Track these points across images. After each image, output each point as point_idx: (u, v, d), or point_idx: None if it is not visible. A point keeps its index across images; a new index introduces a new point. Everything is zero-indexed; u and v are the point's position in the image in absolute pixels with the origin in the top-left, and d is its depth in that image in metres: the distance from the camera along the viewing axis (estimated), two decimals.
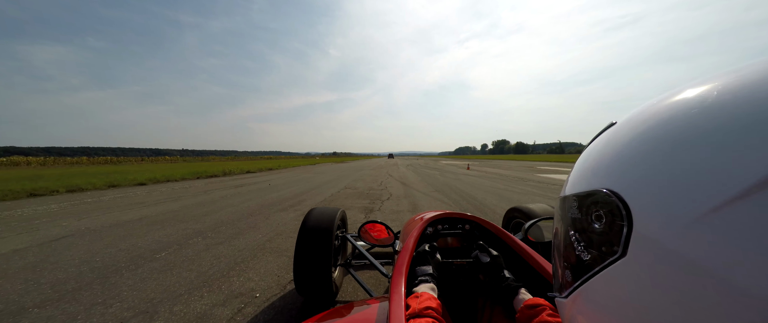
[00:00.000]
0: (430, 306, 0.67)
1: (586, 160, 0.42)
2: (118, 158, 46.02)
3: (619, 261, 0.31)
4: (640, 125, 0.35)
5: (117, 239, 3.45)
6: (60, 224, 4.24)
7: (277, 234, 3.67)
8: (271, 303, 2.00)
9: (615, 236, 0.31)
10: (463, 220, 1.36)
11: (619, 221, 0.31)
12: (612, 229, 0.32)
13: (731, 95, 0.27)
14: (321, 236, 1.78)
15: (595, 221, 0.35)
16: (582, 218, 0.37)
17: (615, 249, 0.31)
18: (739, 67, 0.30)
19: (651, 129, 0.33)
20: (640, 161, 0.32)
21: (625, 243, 0.30)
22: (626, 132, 0.36)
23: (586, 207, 0.37)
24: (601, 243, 0.34)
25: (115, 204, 5.90)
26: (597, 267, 0.33)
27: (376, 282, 2.34)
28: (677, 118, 0.31)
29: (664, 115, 0.32)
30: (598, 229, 0.34)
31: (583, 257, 0.36)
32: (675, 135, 0.29)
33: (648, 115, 0.35)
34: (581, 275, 0.36)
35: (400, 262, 0.93)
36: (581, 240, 0.37)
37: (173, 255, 2.92)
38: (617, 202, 0.32)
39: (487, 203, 5.79)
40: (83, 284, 2.28)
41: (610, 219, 0.32)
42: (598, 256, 0.34)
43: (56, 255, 2.94)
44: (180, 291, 2.17)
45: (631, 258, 0.29)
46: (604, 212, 0.33)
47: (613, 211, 0.32)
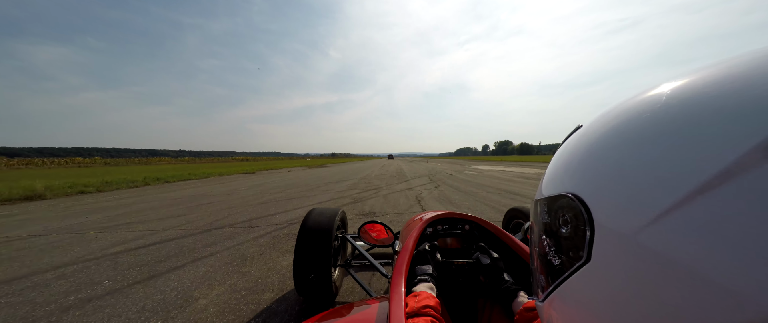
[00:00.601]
0: (428, 304, 0.67)
1: (555, 163, 0.42)
2: (98, 160, 45.22)
3: (584, 266, 0.30)
4: (601, 128, 0.35)
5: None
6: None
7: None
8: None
9: (579, 241, 0.31)
10: (463, 220, 1.36)
11: (582, 227, 0.31)
12: (576, 234, 0.32)
13: (682, 95, 0.27)
14: (320, 236, 1.78)
15: (562, 226, 0.35)
16: (551, 222, 0.37)
17: (580, 254, 0.31)
18: (696, 68, 0.30)
19: (611, 131, 0.33)
20: (598, 165, 0.32)
21: (588, 248, 0.30)
22: (589, 135, 0.36)
23: (554, 212, 0.36)
24: (568, 248, 0.34)
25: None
26: (566, 272, 0.33)
27: (376, 283, 2.33)
28: (636, 117, 0.30)
29: (623, 117, 0.32)
30: (565, 234, 0.34)
31: (554, 261, 0.36)
32: (630, 136, 0.29)
33: (609, 117, 0.35)
34: (554, 279, 0.36)
35: (400, 262, 0.93)
36: (551, 245, 0.37)
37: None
38: (580, 206, 0.31)
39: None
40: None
41: (575, 224, 0.32)
42: (567, 261, 0.34)
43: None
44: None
45: (595, 263, 0.29)
46: (569, 217, 0.33)
47: (577, 216, 0.32)
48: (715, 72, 0.27)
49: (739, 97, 0.23)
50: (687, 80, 0.29)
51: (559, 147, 0.44)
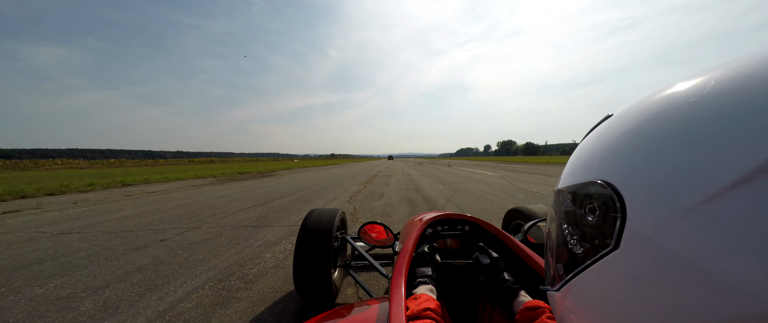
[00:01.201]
0: (428, 307, 0.67)
1: (581, 153, 0.41)
2: (85, 162, 43.54)
3: (611, 253, 0.30)
4: (634, 118, 0.34)
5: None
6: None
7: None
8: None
9: (608, 228, 0.31)
10: (463, 221, 1.36)
11: (613, 214, 0.30)
12: (605, 221, 0.31)
13: (724, 88, 0.27)
14: (320, 237, 1.78)
15: (588, 214, 0.34)
16: (575, 211, 0.37)
17: (608, 241, 0.31)
18: (734, 60, 0.30)
19: (645, 121, 0.32)
20: (633, 153, 0.31)
21: (618, 235, 0.30)
22: (621, 124, 0.36)
23: (580, 199, 0.36)
24: (594, 236, 0.33)
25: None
26: (589, 260, 0.33)
27: (376, 283, 2.33)
28: (671, 110, 0.30)
29: (658, 107, 0.32)
30: (591, 222, 0.34)
31: (575, 250, 0.36)
32: (668, 127, 0.29)
33: (643, 107, 0.34)
34: (573, 268, 0.36)
35: (400, 263, 0.93)
36: (574, 233, 0.36)
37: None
38: (612, 193, 0.31)
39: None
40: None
41: (604, 211, 0.32)
42: (591, 249, 0.33)
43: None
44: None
45: (624, 250, 0.29)
46: (598, 204, 0.33)
47: (607, 203, 0.31)
48: (755, 65, 0.27)
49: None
50: (729, 73, 0.28)
51: (584, 137, 0.44)
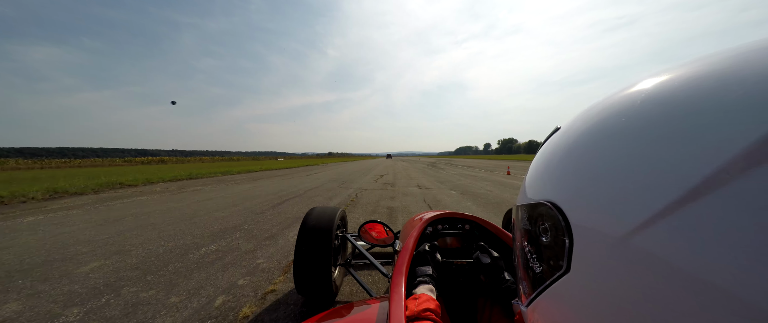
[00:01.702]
0: (428, 307, 0.67)
1: (534, 169, 0.40)
2: (69, 160, 41.38)
3: (564, 276, 0.30)
4: (578, 130, 0.33)
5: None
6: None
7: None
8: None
9: (559, 250, 0.30)
10: (463, 220, 1.36)
11: (561, 236, 0.30)
12: (556, 243, 0.31)
13: (670, 90, 0.26)
14: (321, 235, 1.78)
15: (542, 234, 0.34)
16: (531, 229, 0.36)
17: (560, 263, 0.30)
18: (692, 60, 0.28)
19: (589, 134, 0.31)
20: (577, 169, 0.30)
21: (567, 257, 0.29)
22: (567, 138, 0.35)
23: (534, 219, 0.36)
24: (549, 257, 0.33)
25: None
26: (547, 280, 0.32)
27: (376, 282, 2.33)
28: (612, 118, 0.29)
29: (601, 116, 0.31)
30: (545, 242, 0.33)
31: (536, 269, 0.35)
32: (610, 139, 0.28)
33: (587, 117, 0.33)
34: (536, 286, 0.35)
35: (400, 262, 0.93)
36: (533, 252, 0.36)
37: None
38: (558, 215, 0.30)
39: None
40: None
41: (554, 233, 0.31)
42: (548, 270, 0.33)
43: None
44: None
45: (575, 273, 0.28)
46: (548, 225, 0.32)
47: (557, 225, 0.31)
48: (696, 69, 0.26)
49: (724, 95, 0.22)
50: (667, 77, 0.27)
51: (539, 149, 0.43)
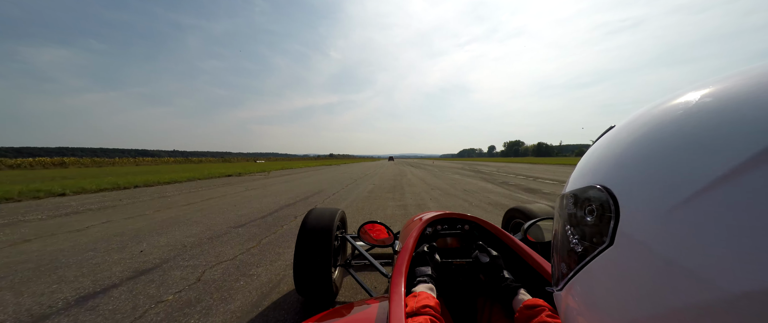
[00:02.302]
0: (427, 304, 0.67)
1: (585, 161, 0.46)
2: (49, 160, 39.97)
3: (606, 249, 0.34)
4: (633, 129, 0.39)
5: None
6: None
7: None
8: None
9: (604, 227, 0.35)
10: (463, 220, 1.36)
11: (608, 214, 0.35)
12: (602, 221, 0.36)
13: (712, 99, 0.31)
14: (320, 236, 1.78)
15: (587, 215, 0.39)
16: (577, 212, 0.41)
17: (604, 239, 0.35)
18: (735, 73, 0.34)
19: (641, 132, 0.37)
20: (628, 161, 0.36)
21: (612, 233, 0.33)
22: (621, 135, 0.41)
23: (581, 202, 0.40)
24: (592, 235, 0.37)
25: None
26: (588, 256, 0.37)
27: (376, 283, 2.34)
28: (663, 122, 0.35)
29: (654, 120, 0.36)
30: (590, 222, 0.38)
31: (576, 248, 0.40)
32: (658, 137, 0.34)
33: (641, 121, 0.39)
34: (575, 265, 0.40)
35: (400, 262, 0.93)
36: (575, 233, 0.41)
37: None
38: (607, 196, 0.35)
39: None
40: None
41: (601, 212, 0.36)
42: (590, 246, 0.37)
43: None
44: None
45: (617, 246, 0.33)
46: (595, 206, 0.37)
47: (604, 205, 0.36)
48: (737, 81, 0.31)
49: (749, 105, 0.27)
50: (713, 88, 0.33)
51: (590, 147, 0.49)
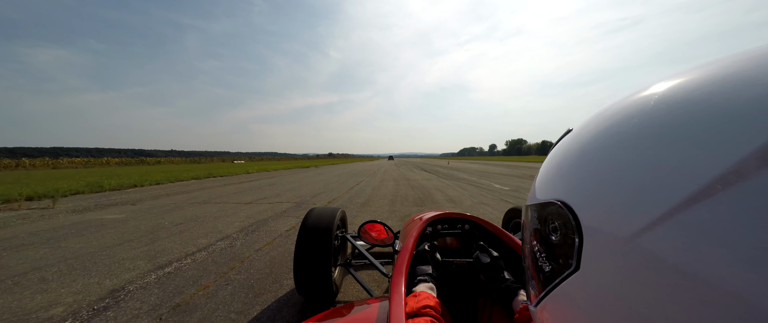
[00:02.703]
0: (428, 304, 0.67)
1: (545, 169, 0.41)
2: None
3: (573, 274, 0.30)
4: (590, 132, 0.34)
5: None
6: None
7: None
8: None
9: (568, 248, 0.31)
10: (463, 220, 1.36)
11: (571, 235, 0.30)
12: (566, 241, 0.31)
13: (679, 94, 0.26)
14: (321, 236, 1.78)
15: (551, 233, 0.34)
16: (541, 229, 0.37)
17: (570, 261, 0.30)
18: (705, 63, 0.29)
19: (600, 136, 0.32)
20: (588, 170, 0.31)
21: (577, 255, 0.29)
22: (579, 139, 0.36)
23: (544, 219, 0.36)
24: (558, 256, 0.33)
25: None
26: (557, 278, 0.33)
27: (376, 282, 2.34)
28: (624, 122, 0.30)
29: (613, 120, 0.32)
30: (554, 241, 0.34)
31: (545, 267, 0.35)
32: (621, 140, 0.29)
33: (599, 121, 0.34)
34: (545, 285, 0.36)
35: (400, 262, 0.93)
36: (542, 251, 0.36)
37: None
38: (568, 214, 0.31)
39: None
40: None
41: (564, 232, 0.32)
42: (557, 268, 0.33)
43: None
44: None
45: (584, 271, 0.29)
46: (558, 223, 0.33)
47: (566, 223, 0.31)
48: (709, 72, 0.26)
49: (735, 98, 0.22)
50: (680, 81, 0.28)
51: (550, 150, 0.44)
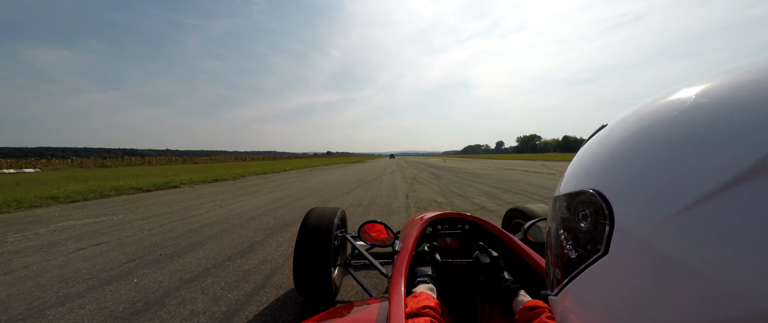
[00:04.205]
0: (428, 305, 0.67)
1: (577, 162, 0.43)
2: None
3: (602, 258, 0.32)
4: (627, 128, 0.36)
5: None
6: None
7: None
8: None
9: (598, 234, 0.33)
10: (463, 220, 1.36)
11: (602, 220, 0.32)
12: (596, 228, 0.33)
13: (708, 98, 0.29)
14: (320, 236, 1.78)
15: (581, 220, 0.36)
16: (570, 217, 0.39)
17: (598, 247, 0.32)
18: (730, 69, 0.31)
19: (636, 132, 0.34)
20: (623, 163, 0.33)
21: (607, 241, 0.31)
22: (614, 135, 0.38)
23: (574, 207, 0.38)
24: (586, 242, 0.35)
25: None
26: (583, 264, 0.35)
27: (376, 282, 2.34)
28: (658, 121, 0.32)
29: (648, 118, 0.34)
30: (584, 228, 0.36)
31: (570, 255, 0.37)
32: (655, 137, 0.31)
33: (635, 118, 0.36)
34: (569, 272, 0.37)
35: (400, 262, 0.93)
36: (569, 239, 0.38)
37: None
38: (601, 202, 0.33)
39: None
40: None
41: (595, 218, 0.34)
42: (584, 254, 0.35)
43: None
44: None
45: (613, 255, 0.31)
46: (589, 211, 0.35)
47: (598, 210, 0.33)
48: (735, 77, 0.29)
49: (758, 102, 0.24)
50: (709, 85, 0.30)
51: (582, 146, 0.46)
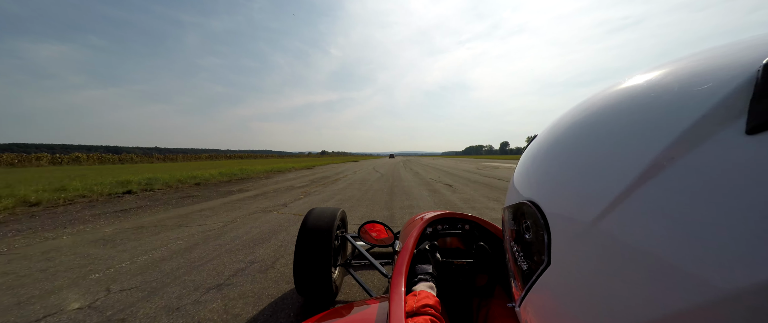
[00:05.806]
0: (428, 303, 0.67)
1: (517, 172, 0.43)
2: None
3: (547, 269, 0.32)
4: (548, 136, 0.37)
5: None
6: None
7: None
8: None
9: (540, 245, 0.33)
10: (464, 220, 1.36)
11: (541, 231, 0.32)
12: (538, 238, 0.33)
13: (617, 98, 0.29)
14: (321, 236, 1.78)
15: (525, 232, 0.36)
16: (517, 229, 0.39)
17: (543, 257, 0.32)
18: (648, 69, 0.31)
19: (555, 138, 0.34)
20: (547, 170, 0.34)
21: (548, 251, 0.31)
22: (540, 144, 0.38)
23: (518, 219, 0.38)
24: (532, 253, 0.35)
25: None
26: (533, 276, 0.34)
27: (376, 283, 2.33)
28: (574, 126, 0.32)
29: (564, 124, 0.34)
30: (528, 239, 0.36)
31: (523, 266, 0.37)
32: (570, 142, 0.31)
33: (555, 125, 0.37)
34: (525, 283, 0.37)
35: (400, 262, 0.93)
36: (520, 250, 0.38)
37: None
38: (537, 212, 0.33)
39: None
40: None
41: (535, 229, 0.34)
42: (532, 265, 0.34)
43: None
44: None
45: (555, 264, 0.31)
46: (530, 222, 0.35)
47: (537, 222, 0.33)
48: (643, 78, 0.29)
49: (652, 100, 0.25)
50: (619, 87, 0.31)
51: (520, 158, 0.46)
